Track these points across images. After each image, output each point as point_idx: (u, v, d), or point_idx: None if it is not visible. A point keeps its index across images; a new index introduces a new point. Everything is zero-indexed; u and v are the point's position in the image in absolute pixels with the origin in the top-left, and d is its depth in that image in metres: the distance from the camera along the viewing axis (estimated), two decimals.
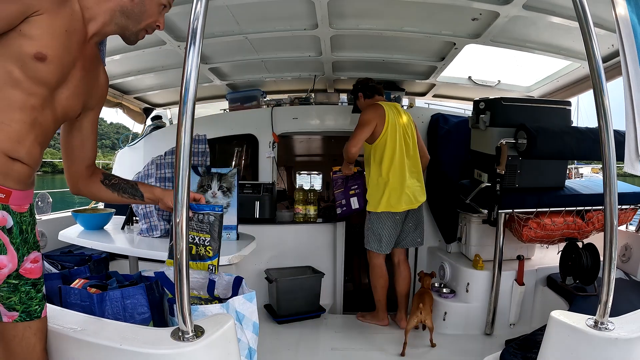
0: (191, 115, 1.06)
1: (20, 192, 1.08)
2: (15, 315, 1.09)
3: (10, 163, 1.04)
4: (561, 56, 3.03)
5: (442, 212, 3.56)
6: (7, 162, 1.03)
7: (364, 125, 2.89)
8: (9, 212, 1.05)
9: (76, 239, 2.30)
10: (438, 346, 2.78)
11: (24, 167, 1.07)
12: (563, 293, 2.69)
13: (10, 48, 1.00)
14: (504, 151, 2.57)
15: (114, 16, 1.19)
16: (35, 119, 1.07)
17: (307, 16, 2.71)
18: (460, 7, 2.48)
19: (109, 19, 1.19)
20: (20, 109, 1.03)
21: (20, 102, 1.03)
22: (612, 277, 1.22)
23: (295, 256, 3.53)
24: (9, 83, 1.01)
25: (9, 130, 1.02)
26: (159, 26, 1.28)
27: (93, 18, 1.15)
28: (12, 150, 1.03)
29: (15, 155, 1.04)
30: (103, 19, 1.17)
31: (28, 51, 1.01)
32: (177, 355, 1.09)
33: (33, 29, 1.01)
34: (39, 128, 1.08)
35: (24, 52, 1.01)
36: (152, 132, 4.22)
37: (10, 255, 1.06)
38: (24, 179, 1.08)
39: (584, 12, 1.20)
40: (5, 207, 1.04)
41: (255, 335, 1.63)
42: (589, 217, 2.74)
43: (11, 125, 1.02)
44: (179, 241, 1.07)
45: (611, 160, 1.21)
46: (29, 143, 1.06)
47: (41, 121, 1.08)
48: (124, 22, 1.21)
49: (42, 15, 1.01)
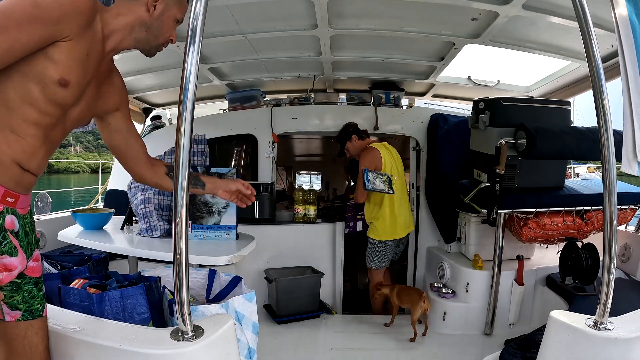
0: (191, 115, 1.06)
1: (25, 196, 1.12)
2: (18, 314, 1.10)
3: (22, 172, 1.08)
4: (561, 56, 3.04)
5: (442, 212, 3.56)
6: (20, 171, 1.07)
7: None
8: (16, 216, 1.08)
9: (76, 239, 2.29)
10: (438, 346, 2.78)
11: (32, 177, 1.12)
12: (562, 293, 2.69)
13: (34, 68, 1.02)
14: (503, 151, 2.57)
15: (132, 30, 1.21)
16: (47, 136, 1.11)
17: (307, 16, 2.71)
18: (459, 7, 2.48)
19: (128, 33, 1.21)
20: (35, 125, 1.07)
21: (35, 120, 1.06)
22: (612, 276, 1.22)
23: (295, 256, 3.52)
24: (28, 101, 1.04)
25: (25, 143, 1.06)
26: (172, 40, 1.31)
27: (112, 33, 1.18)
28: (26, 162, 1.07)
29: (27, 167, 1.09)
30: (122, 34, 1.20)
31: (52, 75, 1.04)
32: (177, 355, 1.09)
33: (59, 53, 1.03)
34: (50, 143, 1.13)
35: (48, 75, 1.03)
36: (151, 132, 4.23)
37: (20, 257, 1.08)
38: (30, 186, 1.13)
39: (584, 12, 1.20)
40: (13, 211, 1.07)
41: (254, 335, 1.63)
42: (588, 217, 2.74)
43: (26, 139, 1.06)
44: (179, 241, 1.07)
45: (611, 160, 1.21)
46: (40, 157, 1.11)
47: (52, 137, 1.13)
48: (143, 36, 1.24)
49: (70, 41, 1.03)
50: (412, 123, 3.84)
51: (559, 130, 2.55)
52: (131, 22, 1.20)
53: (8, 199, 1.05)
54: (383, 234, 3.28)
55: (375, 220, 3.30)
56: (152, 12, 1.21)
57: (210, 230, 2.36)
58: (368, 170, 3.11)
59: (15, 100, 1.03)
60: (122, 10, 1.19)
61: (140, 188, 2.51)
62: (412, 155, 3.89)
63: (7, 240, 1.05)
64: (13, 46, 0.95)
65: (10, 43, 0.94)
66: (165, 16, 1.24)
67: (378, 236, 3.29)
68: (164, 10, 1.23)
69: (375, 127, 3.81)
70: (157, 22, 1.23)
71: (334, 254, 3.64)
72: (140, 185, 2.54)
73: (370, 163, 3.23)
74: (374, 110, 3.84)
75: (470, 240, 3.21)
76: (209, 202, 2.36)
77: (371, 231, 3.34)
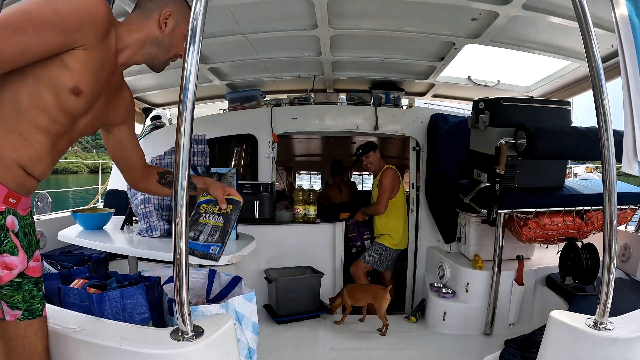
0: (191, 115, 1.06)
1: (26, 198, 1.12)
2: (18, 314, 1.11)
3: (26, 176, 1.09)
4: (560, 56, 3.03)
5: (442, 212, 3.56)
6: (24, 175, 1.08)
7: (389, 190, 3.63)
8: (16, 217, 1.08)
9: (75, 239, 2.29)
10: (438, 346, 2.79)
11: (35, 181, 1.13)
12: (562, 293, 2.69)
13: (49, 74, 1.03)
14: (503, 151, 2.57)
15: (144, 46, 1.24)
16: (55, 144, 1.12)
17: (307, 16, 2.71)
18: (459, 7, 2.48)
19: (139, 48, 1.23)
20: (44, 132, 1.08)
21: (45, 126, 1.07)
22: (612, 276, 1.22)
23: (295, 256, 3.52)
24: (39, 106, 1.05)
25: (32, 149, 1.07)
26: (180, 55, 1.32)
27: (125, 48, 1.20)
28: (31, 167, 1.09)
29: (31, 172, 1.10)
30: (133, 49, 1.22)
31: (66, 84, 1.05)
32: (177, 355, 1.09)
33: (74, 62, 1.04)
34: (56, 151, 1.14)
35: (62, 83, 1.04)
36: (151, 132, 4.22)
37: (21, 257, 1.09)
38: (32, 190, 1.15)
39: (584, 12, 1.20)
40: (14, 211, 1.08)
41: (254, 335, 1.63)
42: (588, 217, 2.74)
43: (34, 145, 1.07)
44: (179, 241, 1.07)
45: (611, 160, 1.21)
46: (45, 164, 1.12)
47: (59, 146, 1.15)
48: (154, 52, 1.26)
49: (85, 50, 1.05)
50: (412, 123, 3.84)
51: (559, 130, 2.55)
52: (143, 38, 1.23)
53: (10, 200, 1.06)
54: (399, 243, 3.66)
55: (392, 232, 3.63)
56: (163, 29, 1.24)
57: None
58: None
59: (28, 104, 1.04)
60: (134, 27, 1.22)
61: None
62: (412, 155, 3.89)
63: (9, 239, 1.05)
64: (28, 48, 0.96)
65: (26, 44, 0.95)
66: (175, 33, 1.27)
67: (393, 245, 3.64)
68: (174, 27, 1.26)
69: (375, 127, 3.81)
70: (168, 38, 1.26)
71: (334, 254, 3.64)
72: None
73: (393, 180, 3.64)
74: (374, 110, 3.84)
75: (470, 240, 3.21)
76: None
77: (385, 239, 3.65)
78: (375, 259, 3.65)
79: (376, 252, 3.65)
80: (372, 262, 3.65)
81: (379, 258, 3.65)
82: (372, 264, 3.65)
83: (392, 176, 3.66)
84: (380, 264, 3.66)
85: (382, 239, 3.68)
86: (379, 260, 3.65)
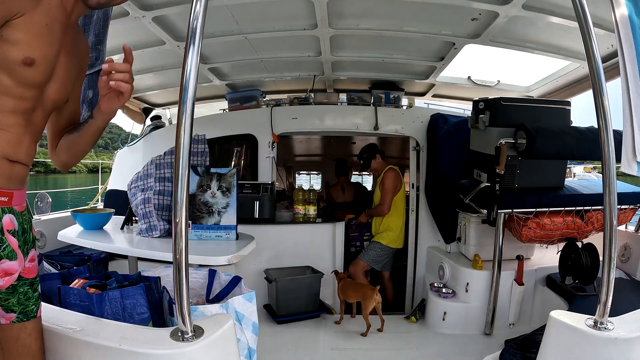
0: (190, 115, 1.06)
1: (19, 191, 1.09)
2: (12, 317, 1.09)
3: (11, 166, 1.04)
4: (560, 56, 3.03)
5: (442, 212, 3.56)
6: (8, 165, 1.03)
7: (393, 191, 3.71)
8: (14, 214, 1.06)
9: (75, 239, 2.29)
10: (438, 346, 2.79)
11: (23, 167, 1.08)
12: (562, 293, 2.69)
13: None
14: (503, 151, 2.57)
15: None
16: (29, 120, 1.06)
17: (307, 16, 2.71)
18: (459, 7, 2.48)
19: None
20: (13, 113, 1.02)
21: (12, 108, 1.02)
22: (612, 276, 1.22)
23: (295, 256, 3.52)
24: (0, 91, 0.99)
25: (8, 134, 1.02)
26: None
27: None
28: (13, 154, 1.04)
29: (16, 158, 1.04)
30: None
31: (15, 57, 0.97)
32: (177, 356, 1.09)
33: (16, 32, 0.96)
34: (33, 127, 1.08)
35: (11, 58, 0.97)
36: (151, 132, 4.22)
37: (19, 260, 1.07)
38: (22, 178, 1.09)
39: (584, 12, 1.20)
40: (10, 209, 1.05)
41: (254, 335, 1.63)
42: (588, 217, 2.74)
43: (9, 130, 1.02)
44: (179, 241, 1.06)
45: (611, 160, 1.21)
46: (26, 144, 1.07)
47: (34, 121, 1.08)
48: None
49: (23, 16, 0.97)
50: (412, 123, 3.84)
51: (559, 130, 2.55)
52: None
53: (1, 198, 1.02)
54: (395, 241, 3.73)
55: (389, 231, 3.70)
56: None
57: (210, 230, 2.36)
58: None
59: None
60: None
61: (140, 188, 2.51)
62: (412, 155, 3.89)
63: (6, 244, 1.03)
64: None
65: None
66: None
67: (390, 243, 3.70)
68: None
69: (375, 127, 3.81)
70: None
71: (334, 254, 3.64)
72: (140, 185, 2.54)
73: (395, 180, 3.71)
74: (374, 110, 3.84)
75: (470, 240, 3.21)
76: (209, 202, 2.36)
77: (382, 237, 3.71)
78: (373, 257, 3.71)
79: (373, 249, 3.73)
80: (370, 260, 3.71)
81: (376, 256, 3.71)
82: (370, 262, 3.71)
83: (394, 177, 3.73)
84: (378, 262, 3.71)
85: (379, 236, 3.75)
86: (377, 258, 3.71)
